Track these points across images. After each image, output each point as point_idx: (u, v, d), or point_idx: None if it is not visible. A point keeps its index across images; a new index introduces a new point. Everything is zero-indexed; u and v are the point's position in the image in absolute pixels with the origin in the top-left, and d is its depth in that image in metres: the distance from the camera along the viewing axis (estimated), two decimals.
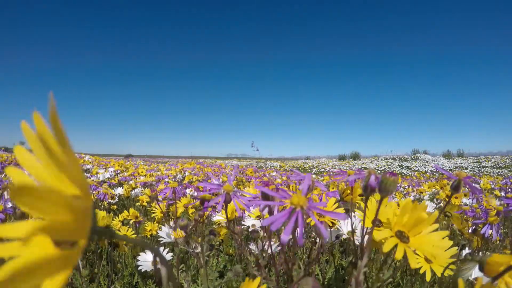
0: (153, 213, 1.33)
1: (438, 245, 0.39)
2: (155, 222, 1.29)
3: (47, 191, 0.16)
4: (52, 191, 0.16)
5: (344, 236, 0.85)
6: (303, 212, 0.32)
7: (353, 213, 0.74)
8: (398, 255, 0.35)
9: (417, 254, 0.65)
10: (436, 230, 0.41)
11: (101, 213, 1.08)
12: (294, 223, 0.30)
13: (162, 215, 1.29)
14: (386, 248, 0.35)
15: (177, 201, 1.10)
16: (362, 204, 0.55)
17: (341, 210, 0.62)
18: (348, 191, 0.72)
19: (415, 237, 0.40)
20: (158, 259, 0.25)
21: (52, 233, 0.17)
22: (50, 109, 0.18)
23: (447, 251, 0.51)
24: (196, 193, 1.52)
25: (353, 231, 0.65)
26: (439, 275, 0.37)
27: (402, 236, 0.39)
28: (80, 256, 0.19)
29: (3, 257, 0.18)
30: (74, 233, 0.18)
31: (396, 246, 0.37)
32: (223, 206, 0.48)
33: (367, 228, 0.49)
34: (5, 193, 1.40)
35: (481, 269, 0.39)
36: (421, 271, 0.61)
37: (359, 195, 0.72)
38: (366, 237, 0.48)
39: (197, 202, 0.84)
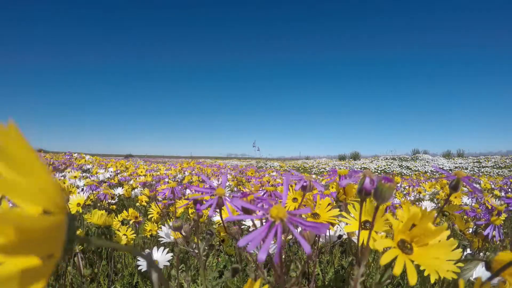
0: (151, 213, 1.33)
1: (446, 258, 0.35)
2: (153, 222, 1.29)
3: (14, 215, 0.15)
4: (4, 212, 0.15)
5: (345, 236, 0.85)
6: (283, 224, 0.29)
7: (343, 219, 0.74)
8: (397, 270, 0.31)
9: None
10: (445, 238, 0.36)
11: (99, 212, 1.08)
12: (272, 238, 0.28)
13: (158, 215, 1.29)
14: (384, 260, 0.32)
15: (176, 201, 1.10)
16: (351, 209, 0.54)
17: (336, 212, 0.61)
18: (341, 192, 0.71)
19: (420, 248, 0.36)
20: (149, 263, 0.25)
21: (13, 252, 0.16)
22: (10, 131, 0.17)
23: (451, 261, 0.45)
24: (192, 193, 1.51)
25: (352, 233, 0.65)
26: (442, 276, 0.33)
27: (404, 247, 0.35)
28: (53, 268, 0.18)
29: None
30: (42, 250, 0.17)
31: (395, 258, 0.32)
32: (215, 210, 0.46)
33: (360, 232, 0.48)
34: None
35: (488, 268, 0.39)
36: (425, 274, 0.61)
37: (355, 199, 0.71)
38: (362, 238, 0.48)
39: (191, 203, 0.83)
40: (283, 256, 0.50)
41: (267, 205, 0.34)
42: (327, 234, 0.83)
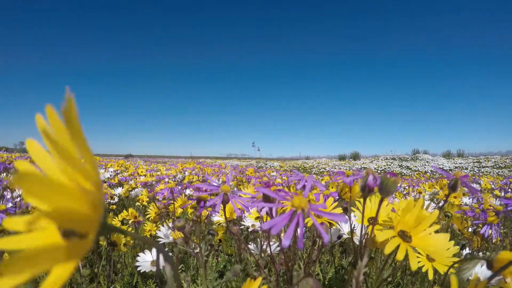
0: (149, 213, 1.33)
1: (440, 244, 0.39)
2: (151, 222, 1.29)
3: (53, 179, 0.16)
4: (59, 179, 0.16)
5: (345, 236, 0.85)
6: (304, 214, 0.31)
7: (352, 213, 0.74)
8: (400, 255, 0.34)
9: (419, 253, 0.65)
10: (438, 231, 0.40)
11: None
12: (295, 226, 0.29)
13: (156, 216, 1.29)
14: (388, 248, 0.35)
15: (176, 200, 1.10)
16: (359, 205, 0.56)
17: (339, 210, 0.62)
18: (346, 190, 0.72)
19: (417, 237, 0.39)
20: (162, 257, 0.25)
21: (59, 220, 0.17)
22: (66, 103, 0.17)
23: (449, 250, 0.50)
24: (195, 193, 1.52)
25: (352, 231, 0.65)
26: (442, 273, 0.36)
27: (404, 236, 0.39)
28: (89, 248, 0.19)
29: (10, 249, 0.18)
30: (82, 224, 0.18)
31: (398, 246, 0.36)
32: (221, 206, 0.48)
33: (366, 227, 0.50)
34: (5, 193, 1.39)
35: (490, 267, 0.39)
36: (424, 270, 0.61)
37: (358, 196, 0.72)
38: (367, 236, 0.48)
39: (194, 203, 0.84)
40: (283, 257, 0.50)
41: (288, 196, 0.35)
42: (327, 234, 0.83)
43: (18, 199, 1.47)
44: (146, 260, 0.91)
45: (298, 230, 0.30)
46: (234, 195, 0.50)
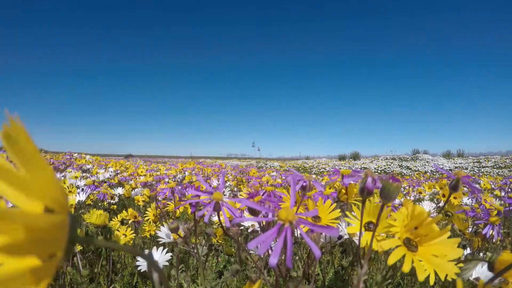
0: (147, 215, 1.33)
1: (447, 256, 0.36)
2: (151, 222, 1.29)
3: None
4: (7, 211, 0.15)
5: (345, 237, 0.85)
6: (292, 227, 0.28)
7: (344, 223, 0.73)
8: (406, 267, 0.32)
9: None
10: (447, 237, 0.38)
11: (97, 212, 1.08)
12: (283, 242, 0.27)
13: (154, 217, 1.29)
14: (392, 259, 0.32)
15: (173, 202, 1.10)
16: (356, 210, 0.54)
17: (337, 213, 0.60)
18: (343, 191, 0.71)
19: (424, 246, 0.37)
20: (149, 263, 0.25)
21: (15, 252, 0.16)
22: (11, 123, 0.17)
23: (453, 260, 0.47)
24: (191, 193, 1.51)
25: (354, 234, 0.64)
26: (442, 278, 0.34)
27: (410, 245, 0.37)
28: (55, 268, 0.18)
29: None
30: (44, 250, 0.17)
31: (403, 256, 0.34)
32: (212, 215, 0.46)
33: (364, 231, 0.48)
34: None
35: (491, 268, 0.39)
36: (426, 274, 0.60)
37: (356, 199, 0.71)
38: (365, 239, 0.48)
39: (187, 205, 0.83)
40: (283, 257, 0.50)
41: (275, 206, 0.33)
42: (319, 242, 0.83)
43: None
44: None
45: (287, 246, 0.27)
46: (225, 203, 0.47)
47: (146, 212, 1.32)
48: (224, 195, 0.52)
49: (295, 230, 0.30)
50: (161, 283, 0.25)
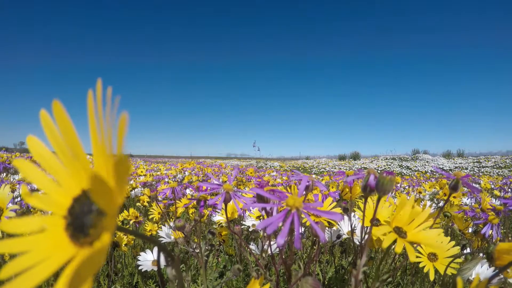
0: (152, 213, 1.33)
1: (434, 237, 0.40)
2: (153, 222, 1.29)
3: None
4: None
5: (344, 236, 0.85)
6: (298, 213, 0.31)
7: (352, 213, 0.74)
8: (398, 248, 0.35)
9: (419, 253, 0.65)
10: (431, 226, 0.42)
11: None
12: (289, 225, 0.29)
13: (159, 216, 1.29)
14: (385, 243, 0.36)
15: (176, 201, 1.10)
16: (361, 204, 0.55)
17: (338, 210, 0.61)
18: (347, 190, 0.72)
19: (412, 233, 0.41)
20: (164, 258, 0.25)
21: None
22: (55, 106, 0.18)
23: (447, 245, 0.50)
24: (197, 193, 1.52)
25: (352, 231, 0.65)
26: (441, 272, 0.36)
27: (400, 232, 0.40)
28: (106, 253, 0.17)
29: (14, 253, 0.18)
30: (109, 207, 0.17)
31: (395, 241, 0.37)
32: (222, 205, 0.48)
33: (366, 227, 0.49)
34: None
35: (490, 259, 0.40)
36: (425, 270, 0.61)
37: (359, 196, 0.72)
38: (366, 236, 0.48)
39: (194, 202, 0.83)
40: (283, 256, 0.51)
41: (283, 196, 0.35)
42: (327, 234, 0.83)
43: (18, 199, 1.46)
44: (147, 259, 0.91)
45: (294, 229, 0.30)
46: (235, 194, 0.50)
47: (151, 210, 1.32)
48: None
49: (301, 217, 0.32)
50: (178, 279, 0.25)
